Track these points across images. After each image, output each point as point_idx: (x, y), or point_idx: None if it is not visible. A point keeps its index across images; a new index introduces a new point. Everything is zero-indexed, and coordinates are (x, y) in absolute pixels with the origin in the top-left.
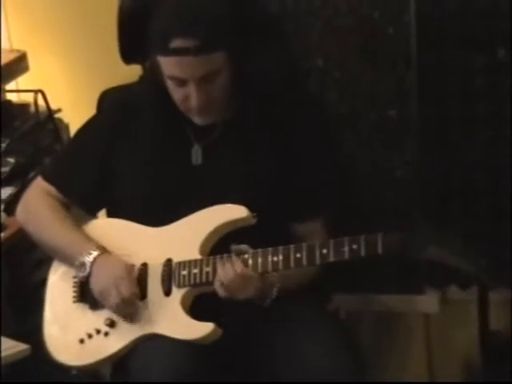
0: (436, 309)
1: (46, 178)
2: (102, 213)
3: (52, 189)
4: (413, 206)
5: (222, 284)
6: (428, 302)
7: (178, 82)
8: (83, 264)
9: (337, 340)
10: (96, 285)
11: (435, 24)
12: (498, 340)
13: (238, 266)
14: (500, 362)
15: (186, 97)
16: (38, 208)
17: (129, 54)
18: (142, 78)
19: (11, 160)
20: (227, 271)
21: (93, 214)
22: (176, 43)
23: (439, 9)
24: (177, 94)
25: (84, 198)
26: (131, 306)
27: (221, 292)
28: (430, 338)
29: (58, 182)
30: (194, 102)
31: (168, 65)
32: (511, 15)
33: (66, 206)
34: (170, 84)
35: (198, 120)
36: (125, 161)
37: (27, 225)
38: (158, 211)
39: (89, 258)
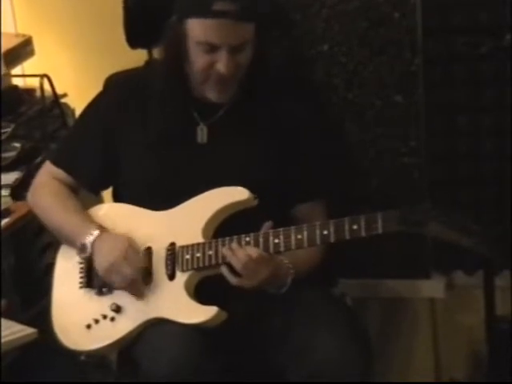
0: (442, 294)
1: (53, 161)
2: (108, 197)
3: (60, 172)
4: (419, 193)
5: (235, 270)
6: (434, 287)
7: (207, 48)
8: (84, 245)
9: (346, 330)
10: (99, 264)
11: (441, 9)
12: (504, 325)
13: (252, 250)
14: (506, 347)
15: (211, 64)
16: (45, 193)
17: (135, 37)
18: (147, 62)
19: (17, 145)
20: (240, 256)
21: (96, 194)
22: (219, 5)
23: None
24: (201, 60)
25: (89, 178)
26: (137, 283)
27: (232, 279)
28: (436, 322)
29: (64, 163)
30: (223, 68)
31: (204, 28)
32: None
33: (74, 190)
34: (194, 51)
35: (212, 95)
36: (130, 140)
37: (36, 209)
38: (164, 189)
39: (89, 239)
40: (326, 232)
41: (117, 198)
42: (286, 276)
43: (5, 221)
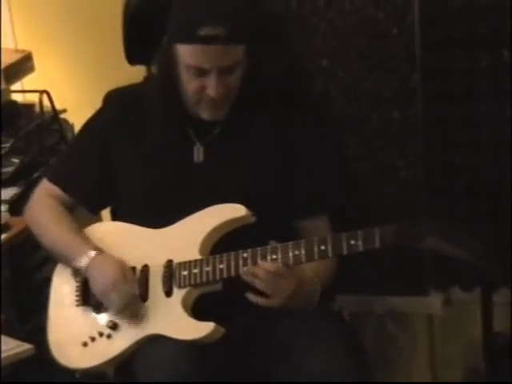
0: (439, 310)
1: (49, 179)
2: (106, 215)
3: (56, 189)
4: (417, 207)
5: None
6: (431, 303)
7: (197, 72)
8: (78, 269)
9: (344, 345)
10: (95, 287)
11: (439, 24)
12: (501, 341)
13: (269, 265)
14: (503, 364)
15: (202, 87)
16: (40, 211)
17: (134, 54)
18: (146, 78)
19: (16, 160)
20: (260, 274)
21: (95, 213)
22: (206, 31)
23: (443, 9)
24: (192, 84)
25: (86, 197)
26: (133, 307)
27: (260, 301)
28: (434, 339)
29: (60, 181)
30: (212, 92)
31: (191, 53)
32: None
33: (70, 208)
34: (185, 74)
35: (206, 114)
36: (128, 155)
37: (31, 226)
38: (160, 209)
39: (84, 262)
40: (323, 247)
41: (114, 215)
42: (313, 292)
43: (3, 236)
